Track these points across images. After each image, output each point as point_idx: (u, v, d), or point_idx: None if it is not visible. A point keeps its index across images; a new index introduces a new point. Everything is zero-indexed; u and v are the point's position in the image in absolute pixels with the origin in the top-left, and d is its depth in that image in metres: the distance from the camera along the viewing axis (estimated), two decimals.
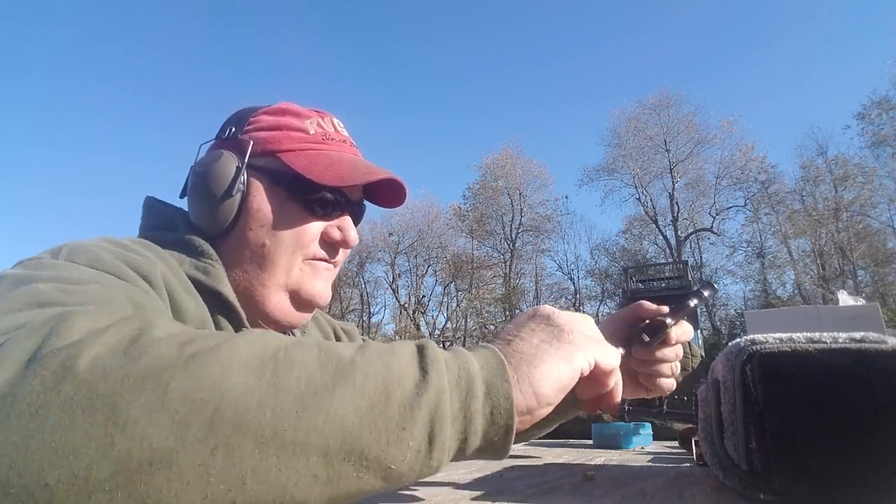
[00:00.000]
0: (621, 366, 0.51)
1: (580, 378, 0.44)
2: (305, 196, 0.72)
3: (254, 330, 0.38)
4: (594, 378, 0.45)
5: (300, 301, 0.74)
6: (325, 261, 0.76)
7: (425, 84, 38.94)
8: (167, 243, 0.67)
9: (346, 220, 0.77)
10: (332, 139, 0.77)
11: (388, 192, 0.82)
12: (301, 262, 0.74)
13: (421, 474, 0.36)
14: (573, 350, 0.44)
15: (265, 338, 0.36)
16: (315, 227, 0.74)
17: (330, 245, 0.76)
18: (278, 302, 0.73)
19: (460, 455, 0.39)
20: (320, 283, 0.75)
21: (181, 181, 0.78)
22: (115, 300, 0.48)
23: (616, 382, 0.47)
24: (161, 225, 0.74)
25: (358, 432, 0.33)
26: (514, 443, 0.40)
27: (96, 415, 0.29)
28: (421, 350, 0.39)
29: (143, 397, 0.30)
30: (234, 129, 0.76)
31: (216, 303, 0.67)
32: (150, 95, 36.81)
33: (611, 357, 0.46)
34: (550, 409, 0.42)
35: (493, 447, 0.40)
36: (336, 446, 0.33)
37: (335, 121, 0.81)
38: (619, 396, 0.48)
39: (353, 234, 0.77)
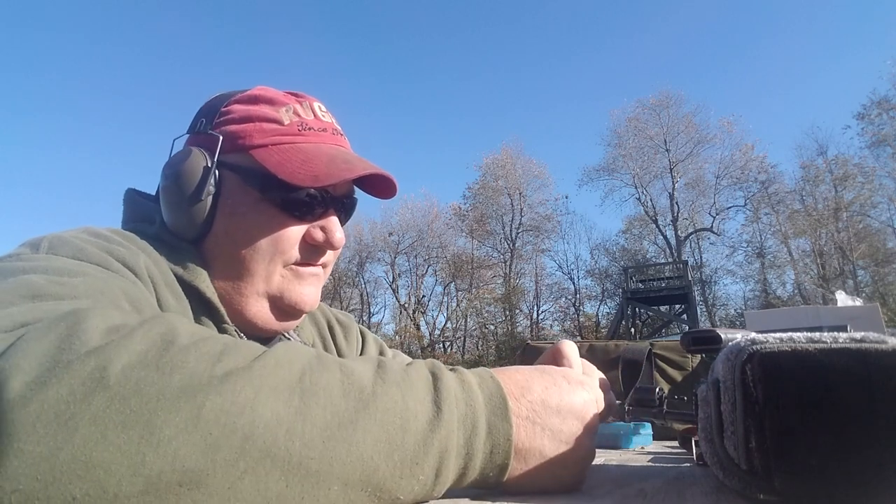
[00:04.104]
0: None
1: None
2: (281, 196, 0.65)
3: (280, 345, 0.38)
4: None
5: (283, 309, 0.67)
6: (310, 265, 0.69)
7: (425, 84, 38.95)
8: (147, 236, 0.63)
9: (331, 220, 0.69)
10: (309, 128, 0.68)
11: (378, 183, 0.74)
12: (282, 268, 0.66)
13: (419, 502, 0.38)
14: (580, 408, 0.45)
15: (291, 356, 0.36)
16: (294, 231, 0.66)
17: (314, 248, 0.68)
18: (259, 311, 0.66)
19: (454, 485, 0.40)
20: (306, 289, 0.68)
21: None
22: (108, 292, 0.46)
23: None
24: (140, 217, 0.70)
25: (376, 465, 0.34)
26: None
27: (130, 431, 0.29)
28: (435, 381, 0.40)
29: (178, 416, 0.30)
30: (204, 122, 0.69)
31: (197, 300, 0.62)
32: (143, 93, 36.81)
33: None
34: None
35: (487, 482, 0.41)
36: (356, 478, 0.33)
37: (315, 105, 0.72)
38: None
39: (338, 234, 0.69)
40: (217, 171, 0.65)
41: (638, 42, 36.65)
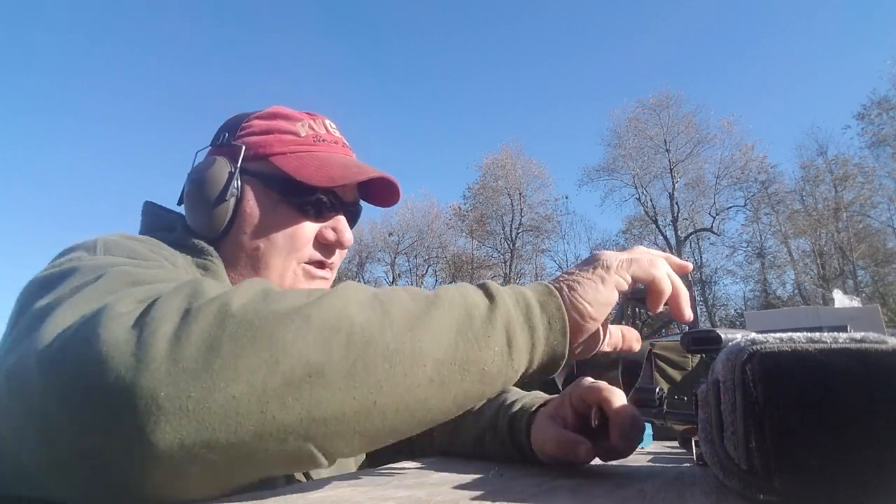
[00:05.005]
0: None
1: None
2: (298, 198, 0.73)
3: (347, 281, 0.45)
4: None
5: None
6: (322, 264, 0.77)
7: (425, 84, 38.96)
8: (168, 242, 0.68)
9: (341, 221, 0.77)
10: (323, 140, 0.78)
11: (382, 192, 0.83)
12: (296, 265, 0.74)
13: (507, 377, 0.45)
14: (609, 274, 0.52)
15: (359, 285, 0.45)
16: (308, 229, 0.74)
17: (325, 246, 0.76)
18: None
19: (532, 362, 0.47)
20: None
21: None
22: (179, 279, 0.50)
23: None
24: (159, 227, 0.75)
25: (456, 342, 0.42)
26: (561, 369, 0.50)
27: (260, 342, 0.36)
28: (482, 286, 0.48)
29: (293, 326, 0.37)
30: (227, 135, 0.78)
31: None
32: (139, 93, 36.80)
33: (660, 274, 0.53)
34: (597, 323, 0.51)
35: (555, 354, 0.48)
36: (441, 354, 0.41)
37: (327, 122, 0.81)
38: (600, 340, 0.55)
39: (347, 234, 0.77)
40: (240, 177, 0.73)
41: (638, 42, 36.70)
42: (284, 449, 0.37)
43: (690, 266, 0.58)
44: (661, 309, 0.54)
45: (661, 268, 0.55)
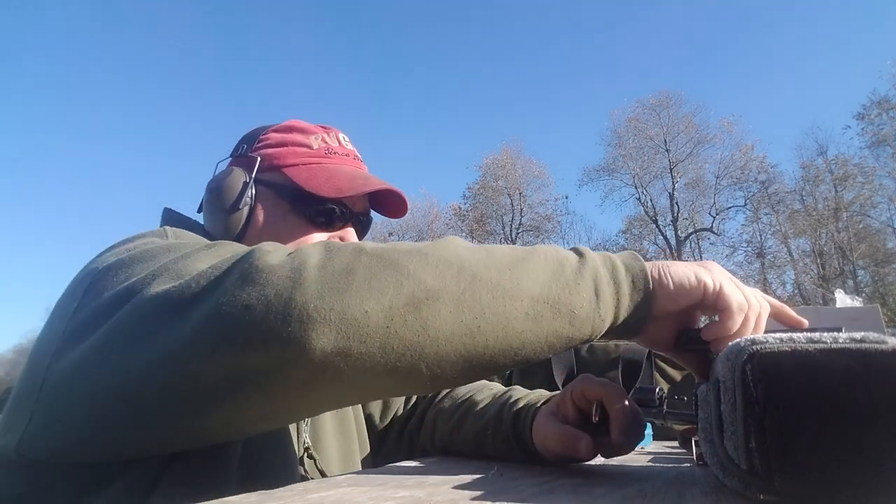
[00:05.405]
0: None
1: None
2: (307, 208, 0.78)
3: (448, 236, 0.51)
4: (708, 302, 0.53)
5: None
6: None
7: (426, 83, 38.98)
8: None
9: (349, 232, 0.81)
10: (335, 153, 0.82)
11: (391, 203, 0.87)
12: None
13: (594, 325, 0.49)
14: (704, 272, 0.53)
15: (463, 240, 0.50)
16: (316, 238, 0.77)
17: None
18: None
19: (617, 316, 0.51)
20: None
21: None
22: None
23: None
24: None
25: (549, 284, 0.47)
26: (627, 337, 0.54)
27: (388, 270, 0.43)
28: (573, 249, 0.53)
29: (414, 260, 0.45)
30: (245, 147, 0.83)
31: None
32: (136, 95, 36.83)
33: (737, 295, 0.52)
34: (676, 305, 0.53)
35: (639, 313, 0.51)
36: (537, 293, 0.46)
37: (340, 136, 0.86)
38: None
39: None
40: (255, 187, 0.78)
41: (638, 42, 36.69)
42: (401, 365, 0.43)
43: (805, 323, 0.56)
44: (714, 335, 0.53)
45: (749, 302, 0.53)
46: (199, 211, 0.83)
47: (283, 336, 0.40)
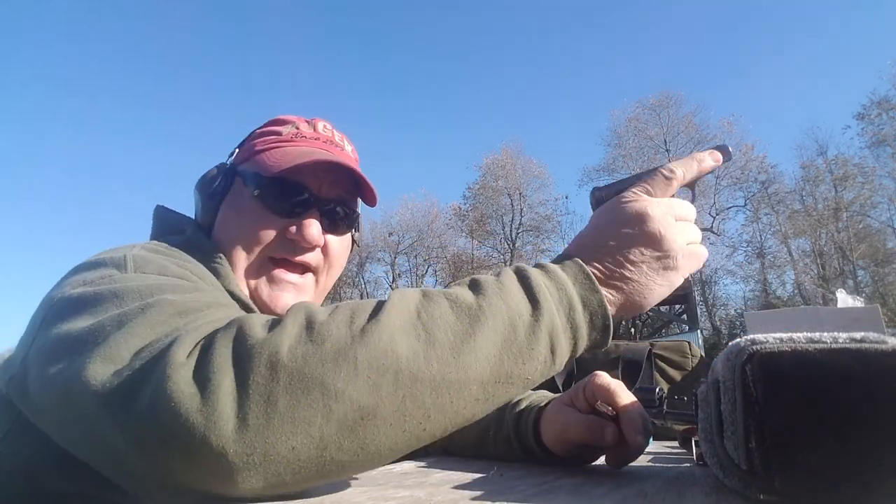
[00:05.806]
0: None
1: None
2: (266, 192, 0.76)
3: (393, 294, 0.46)
4: None
5: (261, 308, 0.74)
6: (288, 262, 0.76)
7: (426, 84, 38.98)
8: (180, 245, 0.71)
9: (308, 223, 0.75)
10: (302, 136, 0.80)
11: (368, 190, 0.81)
12: (263, 259, 0.75)
13: (547, 376, 0.46)
14: (676, 277, 0.52)
15: (403, 298, 0.44)
16: (272, 223, 0.75)
17: (292, 243, 0.75)
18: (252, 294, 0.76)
19: (573, 356, 0.48)
20: (278, 293, 0.75)
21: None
22: (215, 300, 0.54)
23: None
24: (169, 230, 0.80)
25: (500, 359, 0.43)
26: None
27: (312, 392, 0.38)
28: (523, 280, 0.47)
29: (342, 372, 0.39)
30: (237, 145, 0.84)
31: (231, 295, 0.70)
32: (136, 99, 36.83)
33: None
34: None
35: (597, 345, 0.49)
36: (487, 375, 0.42)
37: (321, 124, 0.84)
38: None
39: (310, 230, 0.74)
40: (230, 178, 0.79)
41: (638, 42, 36.68)
42: (345, 476, 0.43)
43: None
44: None
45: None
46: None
47: (209, 481, 0.38)
